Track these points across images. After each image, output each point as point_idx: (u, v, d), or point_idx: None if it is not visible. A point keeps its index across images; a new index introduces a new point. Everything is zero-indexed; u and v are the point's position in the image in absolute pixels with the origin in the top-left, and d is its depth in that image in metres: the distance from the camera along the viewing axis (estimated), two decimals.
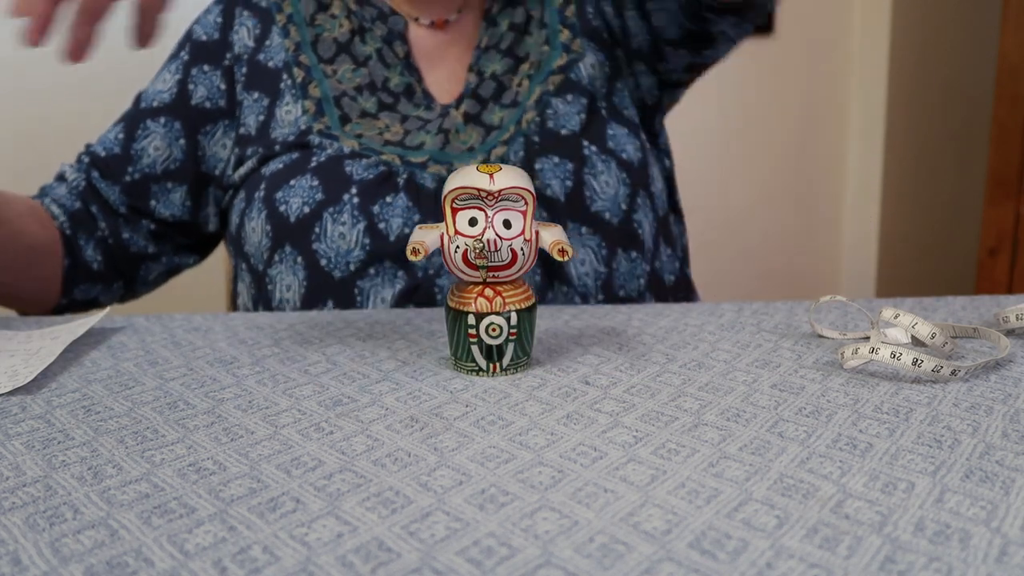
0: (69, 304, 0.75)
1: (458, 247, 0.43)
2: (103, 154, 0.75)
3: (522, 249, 0.43)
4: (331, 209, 0.66)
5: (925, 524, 0.29)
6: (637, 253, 0.70)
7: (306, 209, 0.67)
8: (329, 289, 0.67)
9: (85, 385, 0.44)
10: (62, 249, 0.72)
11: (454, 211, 0.43)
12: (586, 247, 0.68)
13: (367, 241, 0.66)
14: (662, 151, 0.81)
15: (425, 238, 0.43)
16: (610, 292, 0.70)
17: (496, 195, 0.42)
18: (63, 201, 0.73)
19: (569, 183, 0.68)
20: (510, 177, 0.42)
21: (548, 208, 0.67)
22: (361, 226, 0.66)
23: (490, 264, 0.43)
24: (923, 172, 2.23)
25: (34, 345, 0.49)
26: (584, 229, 0.68)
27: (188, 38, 0.78)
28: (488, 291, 0.43)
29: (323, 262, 0.66)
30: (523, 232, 0.43)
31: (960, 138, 2.24)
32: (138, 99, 0.77)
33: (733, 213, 2.15)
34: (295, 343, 0.51)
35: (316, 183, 0.67)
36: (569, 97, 0.72)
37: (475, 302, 0.43)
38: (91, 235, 0.74)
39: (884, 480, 0.32)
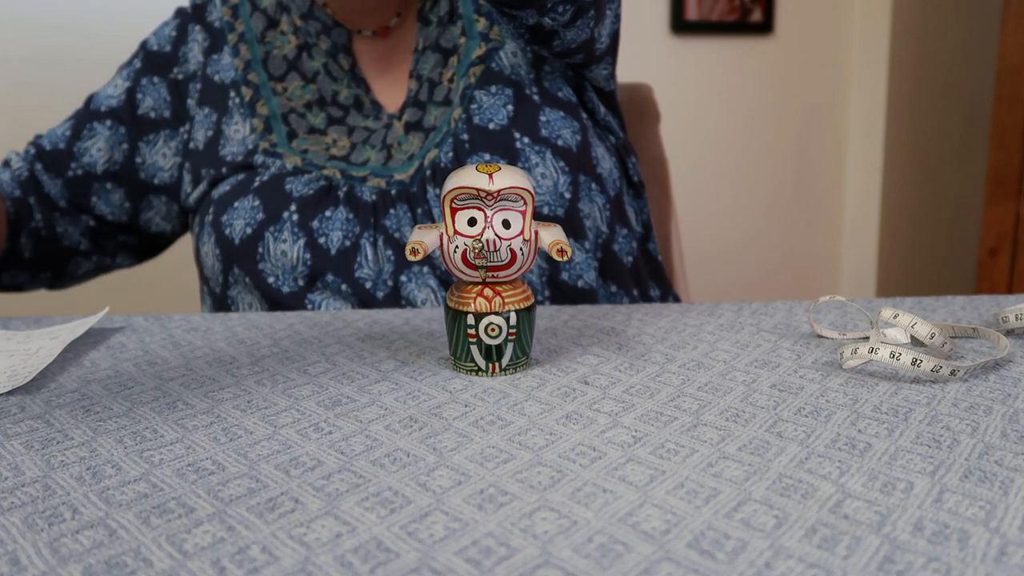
0: None
1: (457, 247, 0.43)
2: (48, 147, 0.76)
3: (521, 249, 0.43)
4: (272, 228, 0.67)
5: (924, 524, 0.29)
6: (588, 241, 0.69)
7: (248, 230, 0.68)
8: (283, 305, 0.68)
9: (84, 385, 0.44)
10: (7, 234, 0.73)
11: (453, 211, 0.43)
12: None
13: (308, 256, 0.67)
14: (604, 128, 0.77)
15: (424, 238, 0.43)
16: (558, 287, 0.69)
17: (495, 195, 0.42)
18: (5, 187, 0.74)
19: None
20: (509, 177, 0.42)
21: None
22: (301, 242, 0.67)
23: (489, 264, 0.43)
24: (923, 172, 2.23)
25: (33, 345, 0.49)
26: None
27: (143, 47, 0.79)
28: (487, 291, 0.43)
29: (271, 280, 0.67)
30: (522, 232, 0.43)
31: (960, 138, 2.24)
32: (89, 100, 0.79)
33: (732, 213, 2.15)
34: (294, 343, 0.51)
35: (257, 203, 0.68)
36: (493, 88, 0.70)
37: (474, 302, 0.43)
38: (25, 224, 0.75)
39: (883, 480, 0.32)
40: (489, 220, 0.43)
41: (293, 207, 0.68)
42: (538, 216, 0.67)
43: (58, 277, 0.79)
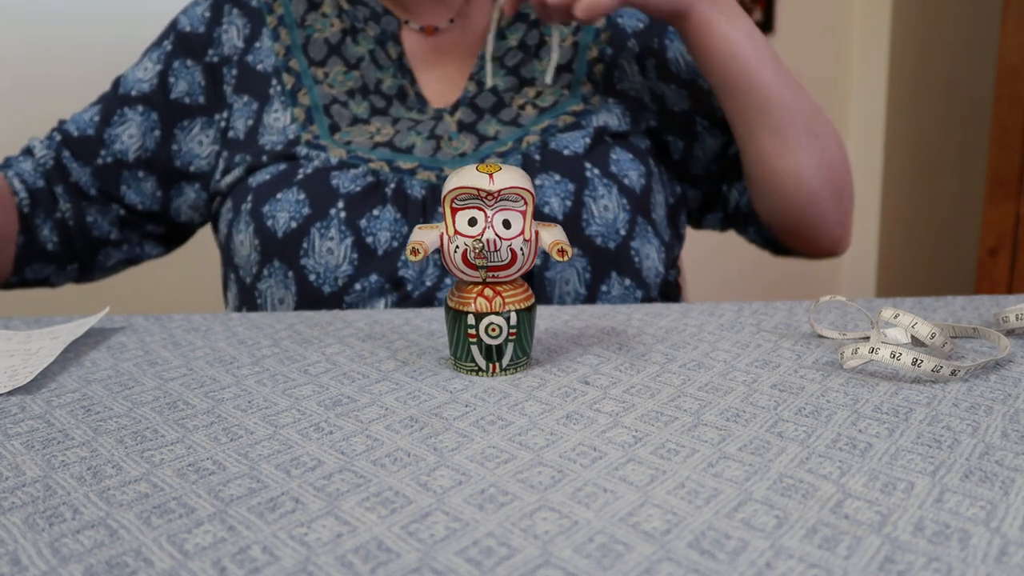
0: (19, 282, 0.74)
1: (457, 247, 0.43)
2: (76, 134, 0.75)
3: (522, 249, 0.43)
4: (318, 224, 0.66)
5: (924, 524, 0.29)
6: (632, 280, 0.70)
7: (293, 224, 0.67)
8: (320, 304, 0.67)
9: (85, 385, 0.44)
10: (18, 227, 0.71)
11: (454, 211, 0.43)
12: (572, 267, 0.67)
13: (355, 256, 0.66)
14: (685, 184, 0.80)
15: (425, 238, 0.43)
16: None
17: (496, 195, 0.42)
18: (26, 177, 0.73)
19: (568, 203, 0.67)
20: (510, 177, 0.42)
21: None
22: (349, 241, 0.66)
23: (489, 264, 0.43)
24: (923, 172, 2.23)
25: (34, 345, 0.49)
26: (575, 250, 0.67)
27: (173, 28, 0.77)
28: (488, 291, 0.43)
29: (312, 277, 0.67)
30: (523, 232, 0.43)
31: (960, 138, 2.24)
32: (117, 83, 0.77)
33: None
34: (295, 343, 0.51)
35: (303, 197, 0.67)
36: (577, 133, 0.72)
37: (475, 302, 0.43)
38: (50, 215, 0.73)
39: (883, 480, 0.32)
40: (489, 220, 0.43)
41: (340, 204, 0.67)
42: (588, 244, 0.68)
43: (87, 269, 0.77)
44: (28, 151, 0.75)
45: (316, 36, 0.75)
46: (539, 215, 0.67)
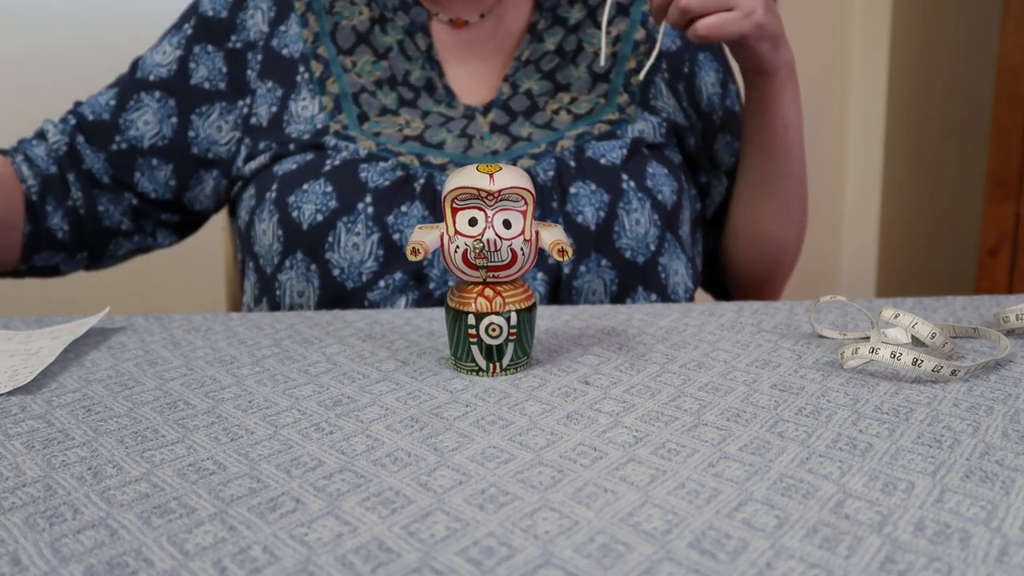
0: (28, 270, 0.73)
1: (458, 247, 0.43)
2: (91, 118, 0.73)
3: (522, 249, 0.43)
4: (345, 218, 0.66)
5: (925, 524, 0.29)
6: (658, 296, 0.70)
7: (319, 217, 0.66)
8: (341, 299, 0.66)
9: (85, 385, 0.44)
10: (24, 215, 0.70)
11: (454, 211, 0.43)
12: (600, 279, 0.68)
13: (381, 252, 0.65)
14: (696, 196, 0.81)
15: (425, 238, 0.43)
16: None
17: (496, 195, 0.42)
18: (38, 162, 0.72)
19: (602, 213, 0.67)
20: (510, 177, 0.42)
21: (576, 236, 0.67)
22: (375, 237, 0.65)
23: (490, 264, 0.43)
24: (923, 172, 2.23)
25: (34, 345, 0.49)
26: (604, 261, 0.67)
27: (195, 10, 0.76)
28: (488, 291, 0.43)
29: (335, 272, 0.66)
30: (523, 232, 0.43)
31: (960, 138, 2.24)
32: (135, 66, 0.76)
33: None
34: (295, 343, 0.51)
35: (330, 189, 0.66)
36: (612, 142, 0.72)
37: (475, 302, 0.43)
38: (61, 203, 0.72)
39: (884, 480, 0.32)
40: (490, 220, 0.43)
41: (368, 199, 0.66)
42: (617, 256, 0.68)
43: (97, 258, 0.76)
44: (42, 134, 0.74)
45: (344, 24, 0.75)
46: (570, 224, 0.67)
